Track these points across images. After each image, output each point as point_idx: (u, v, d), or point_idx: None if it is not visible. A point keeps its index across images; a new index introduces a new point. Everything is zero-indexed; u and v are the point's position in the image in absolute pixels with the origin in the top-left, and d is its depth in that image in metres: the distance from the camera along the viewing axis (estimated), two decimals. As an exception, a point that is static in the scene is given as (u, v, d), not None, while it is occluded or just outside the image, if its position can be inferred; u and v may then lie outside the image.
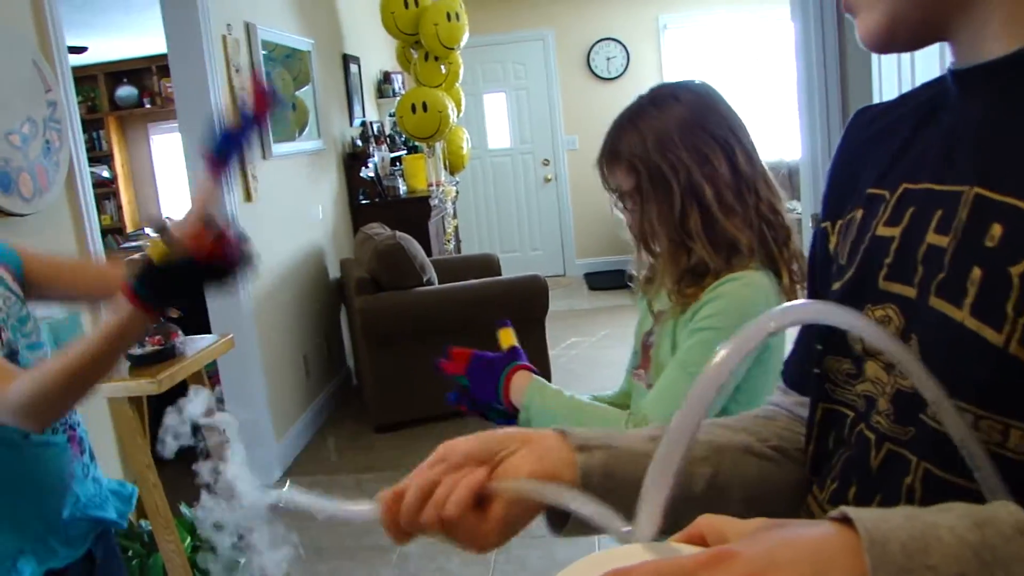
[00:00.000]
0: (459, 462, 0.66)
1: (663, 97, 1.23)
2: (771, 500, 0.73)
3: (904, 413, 0.58)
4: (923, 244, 0.58)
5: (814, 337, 0.71)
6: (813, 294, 0.76)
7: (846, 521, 0.42)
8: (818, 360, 0.68)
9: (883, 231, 0.62)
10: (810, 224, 3.19)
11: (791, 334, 0.72)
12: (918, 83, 0.72)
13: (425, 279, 4.16)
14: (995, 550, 0.39)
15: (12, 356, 1.27)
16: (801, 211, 3.38)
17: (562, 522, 0.69)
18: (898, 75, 2.06)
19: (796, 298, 1.25)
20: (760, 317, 0.51)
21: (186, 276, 1.13)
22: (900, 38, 0.59)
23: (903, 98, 0.71)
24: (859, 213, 0.66)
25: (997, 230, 0.52)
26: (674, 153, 1.18)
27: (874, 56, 2.41)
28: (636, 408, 1.27)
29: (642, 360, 1.33)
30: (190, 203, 1.20)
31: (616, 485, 0.66)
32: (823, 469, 0.68)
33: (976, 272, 0.53)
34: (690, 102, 1.22)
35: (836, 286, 0.66)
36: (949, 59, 0.61)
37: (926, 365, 0.53)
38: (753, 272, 1.20)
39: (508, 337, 1.30)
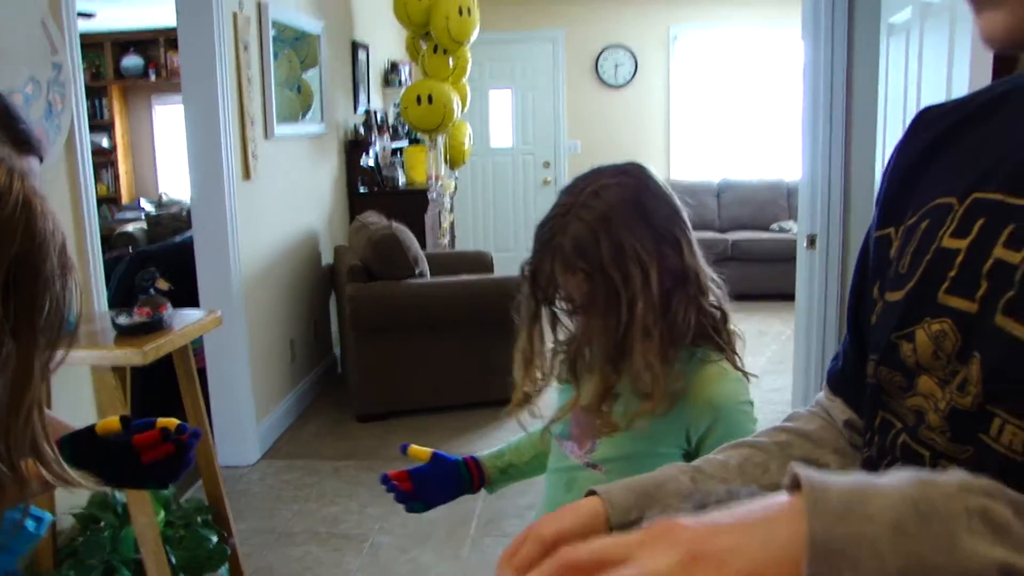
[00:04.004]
0: None
1: (605, 187, 1.17)
2: None
3: (961, 432, 0.56)
4: (989, 259, 0.56)
5: (862, 347, 0.71)
6: (857, 303, 0.75)
7: (796, 486, 0.43)
8: (874, 370, 0.67)
9: (949, 243, 0.60)
10: (804, 245, 3.20)
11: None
12: (923, 107, 0.72)
13: (417, 271, 4.16)
14: (934, 503, 0.40)
15: None
16: (797, 232, 3.38)
17: None
18: (903, 100, 2.07)
19: (742, 374, 1.23)
20: None
21: (114, 459, 1.15)
22: None
23: (969, 97, 0.69)
24: (924, 223, 0.64)
25: None
26: (626, 265, 1.12)
27: (881, 80, 2.42)
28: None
29: (575, 434, 1.26)
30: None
31: None
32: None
33: None
34: (632, 189, 1.17)
35: (895, 296, 0.64)
36: (957, 85, 0.61)
37: (990, 385, 0.52)
38: (721, 361, 1.20)
39: (420, 452, 1.41)
